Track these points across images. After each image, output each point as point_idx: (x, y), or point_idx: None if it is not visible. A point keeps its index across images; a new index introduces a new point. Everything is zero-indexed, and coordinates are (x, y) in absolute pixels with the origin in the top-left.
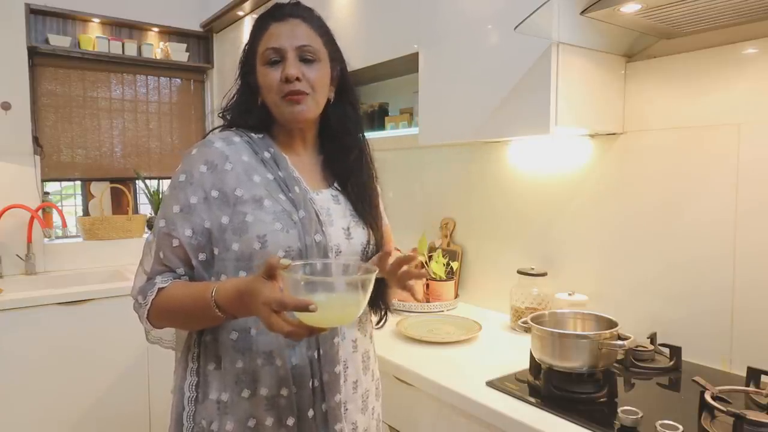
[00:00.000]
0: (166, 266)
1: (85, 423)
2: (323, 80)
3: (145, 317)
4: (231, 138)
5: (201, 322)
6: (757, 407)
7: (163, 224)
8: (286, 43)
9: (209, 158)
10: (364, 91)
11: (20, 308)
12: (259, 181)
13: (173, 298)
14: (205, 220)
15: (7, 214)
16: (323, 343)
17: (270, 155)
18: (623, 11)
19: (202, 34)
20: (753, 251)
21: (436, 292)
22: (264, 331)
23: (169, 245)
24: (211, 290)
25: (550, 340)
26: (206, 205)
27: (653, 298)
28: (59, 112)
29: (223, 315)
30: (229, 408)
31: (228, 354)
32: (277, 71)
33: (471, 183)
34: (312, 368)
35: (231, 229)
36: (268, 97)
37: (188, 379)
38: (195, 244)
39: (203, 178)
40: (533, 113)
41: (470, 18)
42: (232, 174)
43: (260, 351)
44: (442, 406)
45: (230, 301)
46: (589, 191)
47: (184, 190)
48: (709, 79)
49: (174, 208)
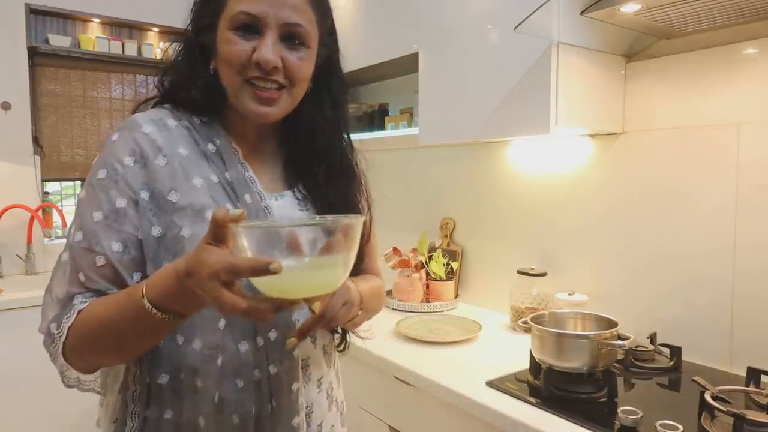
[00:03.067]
0: (89, 289)
1: (85, 423)
2: (306, 71)
3: (60, 352)
4: (164, 121)
5: (137, 338)
6: (757, 407)
7: (80, 237)
8: (270, 13)
9: (137, 147)
10: (364, 91)
11: (20, 308)
12: (200, 184)
13: (94, 315)
14: (138, 230)
15: (7, 214)
16: (278, 394)
17: (215, 148)
18: (623, 11)
19: None
20: (753, 251)
21: (436, 292)
22: (204, 372)
23: (91, 264)
24: (140, 288)
25: (550, 340)
26: (136, 210)
27: (653, 298)
28: (59, 112)
29: (164, 315)
30: None
31: (165, 398)
32: (247, 44)
33: (471, 183)
34: (260, 425)
35: (163, 245)
36: (226, 74)
37: (128, 424)
38: (127, 261)
39: (130, 174)
40: (533, 113)
41: (470, 18)
42: (165, 172)
43: (204, 397)
44: (442, 406)
45: (169, 291)
46: (589, 191)
47: (106, 190)
48: (709, 79)
49: (95, 215)
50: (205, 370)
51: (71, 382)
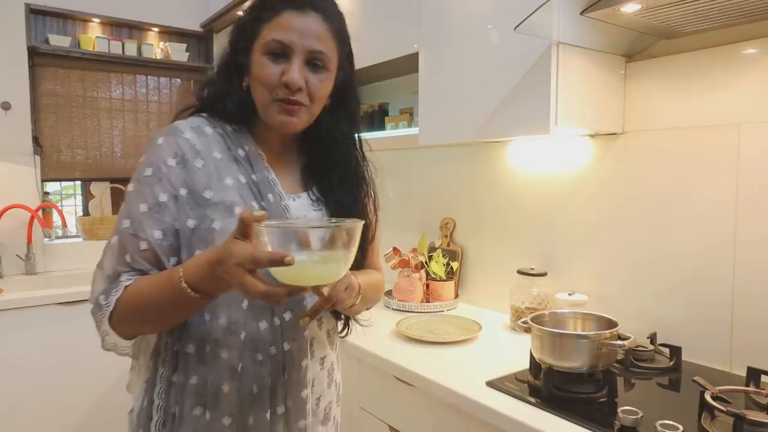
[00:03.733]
0: (134, 269)
1: (85, 423)
2: (325, 92)
3: (107, 319)
4: (202, 128)
5: (174, 312)
6: (757, 407)
7: (127, 225)
8: (297, 42)
9: (180, 151)
10: (364, 91)
11: (20, 308)
12: (231, 184)
13: (139, 291)
14: (176, 221)
15: (7, 214)
16: (290, 367)
17: (245, 153)
18: (623, 11)
19: (202, 34)
20: (753, 251)
21: (436, 292)
22: (227, 344)
23: (136, 248)
24: (178, 271)
25: (550, 340)
26: (176, 204)
27: (653, 298)
28: (59, 112)
29: (196, 295)
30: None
31: (191, 365)
32: (277, 67)
33: (471, 183)
34: (275, 394)
35: (197, 235)
36: (258, 92)
37: (157, 386)
38: (166, 246)
39: (173, 174)
40: (533, 113)
41: (470, 18)
42: (202, 172)
43: (223, 366)
44: (442, 406)
45: (202, 276)
46: (589, 191)
47: (152, 186)
48: (709, 79)
49: (141, 206)
50: (228, 343)
51: (109, 346)
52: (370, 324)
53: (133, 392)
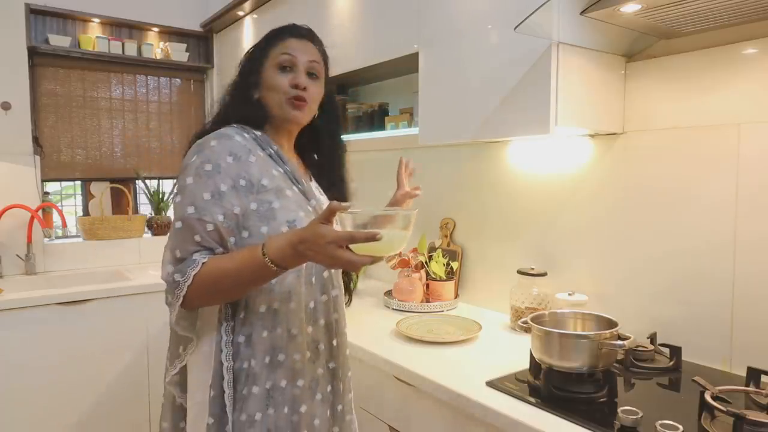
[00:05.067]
0: (204, 247)
1: (85, 423)
2: (319, 96)
3: (183, 294)
4: (242, 134)
5: (253, 282)
6: (757, 407)
7: (192, 211)
8: (300, 56)
9: (233, 150)
10: (364, 91)
11: (20, 308)
12: (276, 174)
13: (218, 267)
14: (235, 206)
15: (7, 214)
16: (338, 334)
17: (273, 151)
18: (623, 11)
19: (202, 34)
20: (753, 252)
21: (436, 292)
22: (291, 297)
23: (204, 229)
24: (260, 249)
25: (550, 340)
26: (235, 192)
27: (653, 297)
28: (59, 112)
29: (276, 267)
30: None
31: (257, 322)
32: (286, 77)
33: (471, 183)
34: (324, 310)
35: (257, 215)
36: (273, 97)
37: (224, 350)
38: (227, 227)
39: (230, 168)
40: (533, 113)
41: (470, 18)
42: (256, 165)
43: (283, 298)
44: (442, 406)
45: (283, 253)
46: (589, 191)
47: (213, 178)
48: (709, 79)
49: (204, 195)
50: (285, 309)
51: (179, 321)
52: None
53: (191, 373)
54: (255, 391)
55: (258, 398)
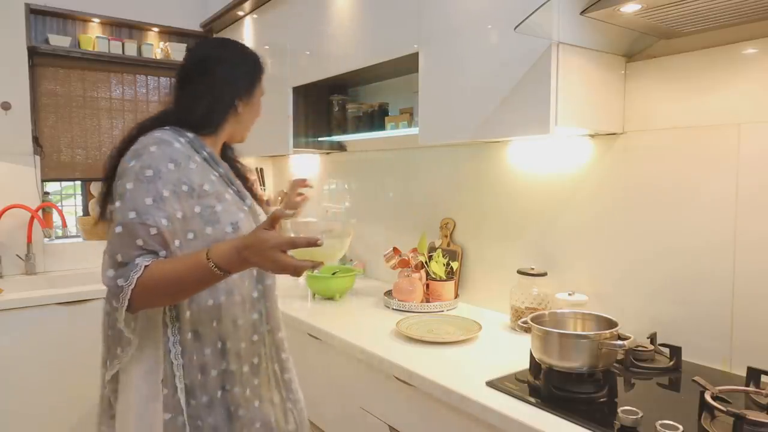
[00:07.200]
0: (147, 250)
1: (85, 423)
2: None
3: (127, 298)
4: (179, 138)
5: (197, 286)
6: (757, 407)
7: (134, 215)
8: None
9: (173, 156)
10: (364, 91)
11: (20, 308)
12: (214, 178)
13: (163, 270)
14: (177, 210)
15: (7, 214)
16: (272, 319)
17: (208, 154)
18: (623, 11)
19: (202, 34)
20: (753, 251)
21: (436, 292)
22: (231, 300)
23: (147, 233)
24: (204, 254)
25: (550, 340)
26: (176, 197)
27: (653, 297)
28: (59, 112)
29: (220, 272)
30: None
31: (205, 321)
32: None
33: (471, 183)
34: (263, 299)
35: (201, 218)
36: (250, 120)
37: (173, 350)
38: (170, 231)
39: (171, 174)
40: (533, 113)
41: (470, 18)
42: (196, 172)
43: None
44: (442, 406)
45: (228, 258)
46: (589, 191)
47: (154, 183)
48: (709, 79)
49: (146, 200)
50: (229, 302)
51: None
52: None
53: (131, 373)
54: (208, 378)
55: (212, 383)
